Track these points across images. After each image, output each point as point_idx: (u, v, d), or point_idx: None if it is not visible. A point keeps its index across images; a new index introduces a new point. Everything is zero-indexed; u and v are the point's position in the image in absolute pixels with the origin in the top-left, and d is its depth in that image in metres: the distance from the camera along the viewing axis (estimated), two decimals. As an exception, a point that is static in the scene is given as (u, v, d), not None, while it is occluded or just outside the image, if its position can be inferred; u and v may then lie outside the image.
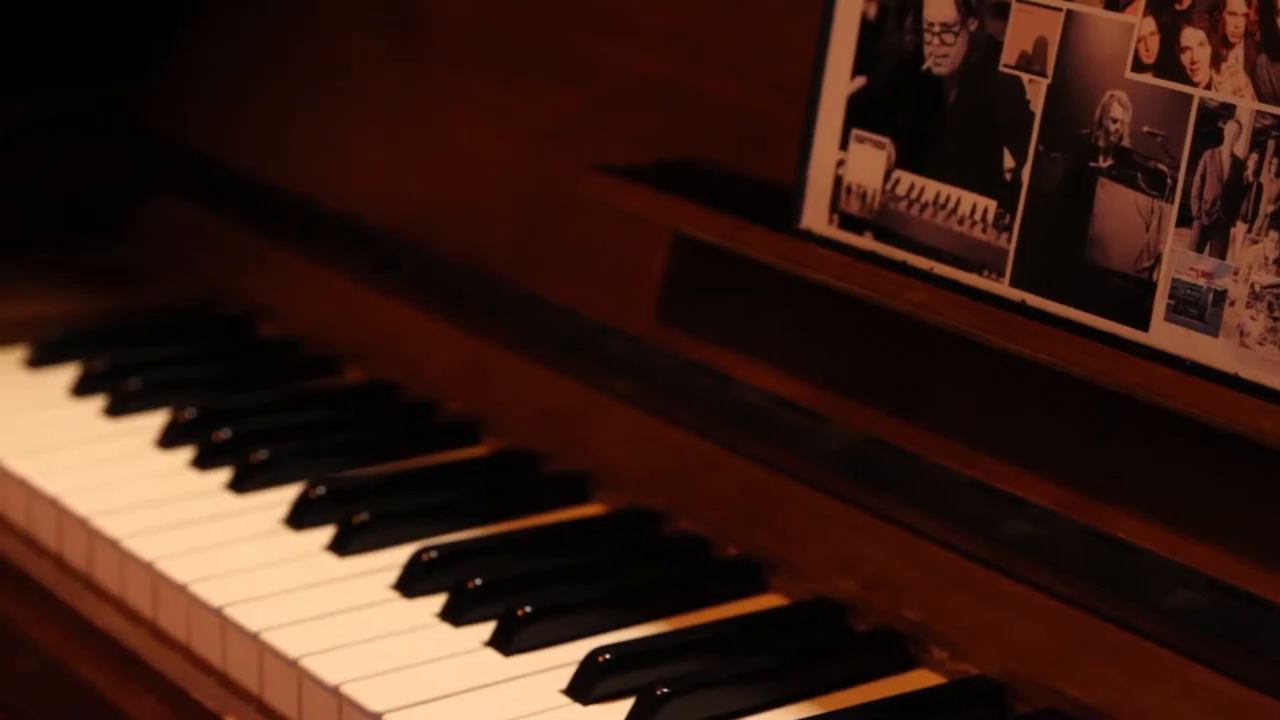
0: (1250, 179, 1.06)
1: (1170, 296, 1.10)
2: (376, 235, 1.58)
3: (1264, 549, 1.06)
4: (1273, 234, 1.05)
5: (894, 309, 1.21)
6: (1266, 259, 1.05)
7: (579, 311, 1.41)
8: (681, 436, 1.35)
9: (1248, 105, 1.07)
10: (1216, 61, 1.08)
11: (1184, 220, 1.09)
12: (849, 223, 1.25)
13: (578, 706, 1.15)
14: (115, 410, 1.50)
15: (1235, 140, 1.07)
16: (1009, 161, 1.17)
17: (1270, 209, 1.06)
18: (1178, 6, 1.10)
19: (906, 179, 1.23)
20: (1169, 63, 1.10)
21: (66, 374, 1.56)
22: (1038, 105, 1.16)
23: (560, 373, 1.43)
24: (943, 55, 1.21)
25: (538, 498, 1.37)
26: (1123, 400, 1.11)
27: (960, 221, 1.20)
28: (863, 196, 1.24)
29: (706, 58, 1.41)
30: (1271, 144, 1.06)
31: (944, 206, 1.21)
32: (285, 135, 1.70)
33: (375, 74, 1.66)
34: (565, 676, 1.18)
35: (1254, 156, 1.06)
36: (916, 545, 1.22)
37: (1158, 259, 1.10)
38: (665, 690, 1.13)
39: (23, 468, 1.43)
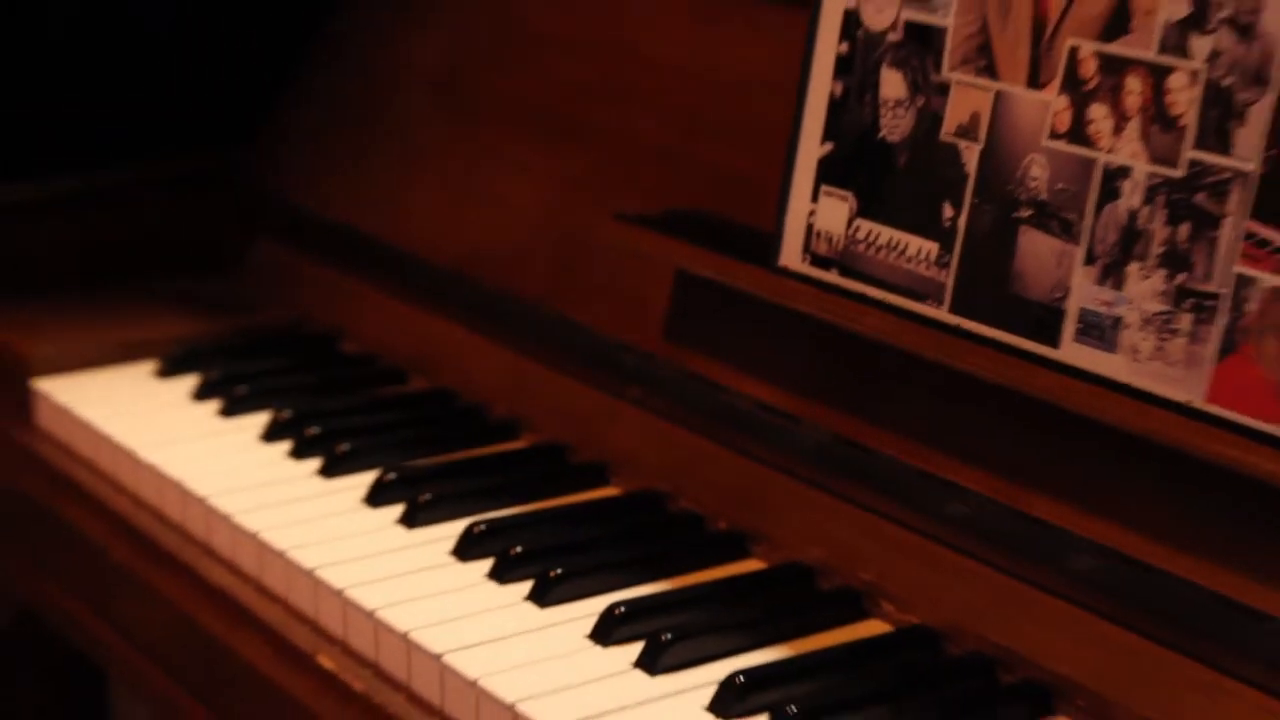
0: (1142, 227, 1.06)
1: (1078, 321, 1.10)
2: (435, 270, 1.57)
3: (1147, 524, 1.06)
4: (1160, 272, 1.05)
5: (855, 332, 1.21)
6: (1155, 291, 1.05)
7: (599, 332, 1.41)
8: (682, 434, 1.34)
9: (1142, 167, 1.07)
10: (1117, 131, 1.08)
11: (1089, 260, 1.09)
12: (819, 261, 1.24)
13: (599, 648, 1.15)
14: (227, 411, 1.50)
15: (1131, 195, 1.07)
16: (948, 212, 1.17)
17: (1158, 251, 1.05)
18: (1085, 87, 1.09)
19: (865, 226, 1.22)
20: (1078, 132, 1.10)
21: (188, 382, 1.56)
22: (972, 166, 1.16)
23: (584, 382, 1.42)
24: (895, 126, 1.20)
25: (566, 482, 1.37)
26: (1039, 405, 1.11)
27: (909, 260, 1.19)
28: (830, 240, 1.24)
29: (704, 129, 1.41)
30: (1160, 198, 1.06)
31: (895, 248, 1.20)
32: (361, 187, 1.69)
33: (436, 138, 1.64)
34: (589, 625, 1.16)
35: (1146, 209, 1.06)
36: (872, 522, 1.22)
37: (1068, 291, 1.10)
38: (669, 636, 1.12)
39: (153, 457, 1.43)
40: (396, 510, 1.32)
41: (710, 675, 1.11)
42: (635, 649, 1.14)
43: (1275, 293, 1.00)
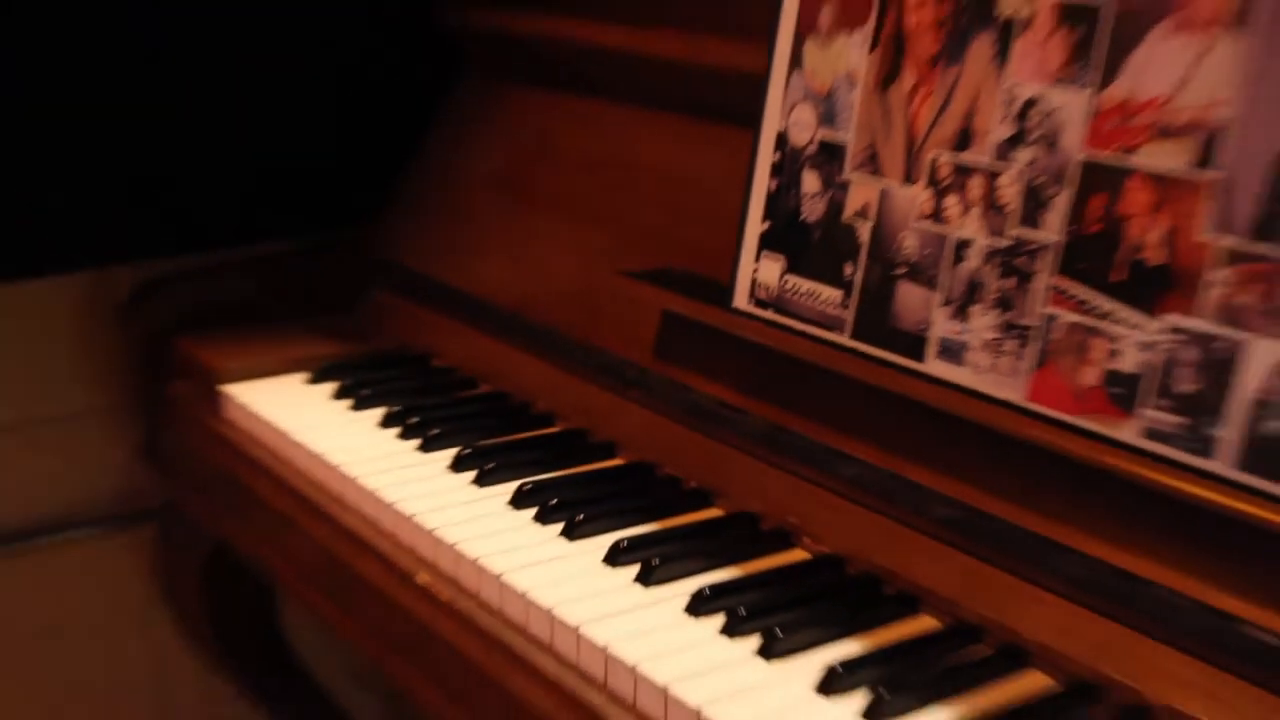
0: (981, 280, 1.05)
1: (938, 345, 1.08)
2: (497, 310, 1.56)
3: (985, 484, 1.05)
4: (994, 311, 1.04)
5: (786, 352, 1.20)
6: (990, 325, 1.04)
7: (611, 351, 1.40)
8: (666, 423, 1.33)
9: (981, 239, 1.05)
10: (964, 215, 1.07)
11: (945, 303, 1.07)
12: (760, 304, 1.23)
13: (609, 568, 1.13)
14: (356, 407, 1.50)
15: (973, 259, 1.06)
16: (849, 270, 1.16)
17: (992, 297, 1.04)
18: (942, 184, 1.08)
19: (792, 279, 1.21)
20: (937, 215, 1.09)
21: (329, 387, 1.55)
22: (865, 238, 1.15)
23: (599, 387, 1.41)
24: (813, 210, 1.19)
25: (587, 454, 1.36)
26: (911, 402, 1.10)
27: (822, 303, 1.18)
28: (768, 289, 1.23)
29: (683, 213, 1.40)
30: (994, 261, 1.05)
31: (813, 294, 1.19)
32: (447, 253, 1.67)
33: (497, 219, 1.63)
34: (603, 552, 1.15)
35: (984, 268, 1.05)
36: (796, 483, 1.20)
37: (930, 324, 1.09)
38: (657, 560, 1.11)
39: (304, 438, 1.43)
40: (471, 475, 1.31)
41: (686, 587, 1.09)
42: (633, 570, 1.12)
43: (1071, 326, 0.99)
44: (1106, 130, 0.97)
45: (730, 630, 1.02)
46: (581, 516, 1.19)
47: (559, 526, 1.20)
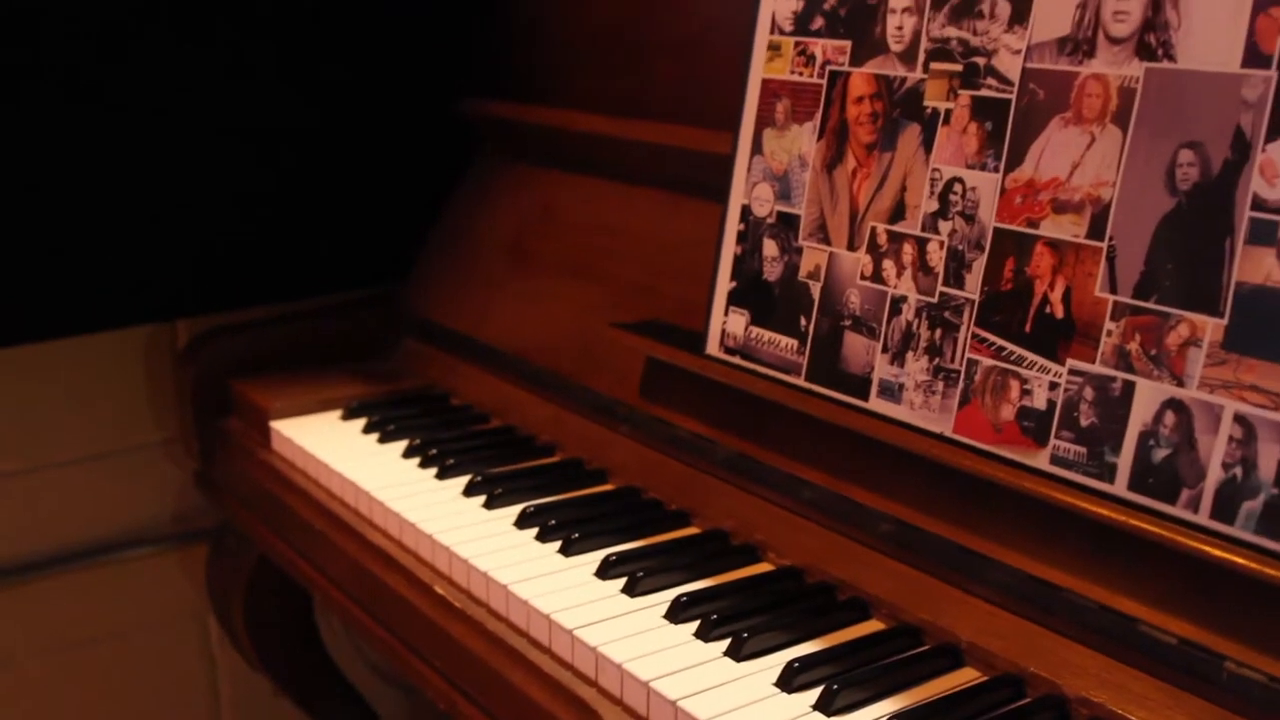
0: (915, 331, 1.05)
1: (878, 386, 1.08)
2: (507, 356, 1.54)
3: (920, 504, 1.06)
4: (925, 357, 1.04)
5: (751, 392, 1.20)
6: (922, 369, 1.04)
7: (603, 393, 1.38)
8: (650, 453, 1.32)
9: (913, 296, 1.06)
10: (899, 276, 1.07)
11: (884, 350, 1.07)
12: (730, 351, 1.22)
13: (601, 581, 1.12)
14: (382, 439, 1.48)
15: (908, 313, 1.06)
16: (803, 322, 1.15)
17: (924, 346, 1.04)
18: (880, 250, 1.08)
19: (755, 330, 1.20)
20: (877, 276, 1.09)
21: (360, 423, 1.53)
22: (816, 296, 1.14)
23: (594, 422, 1.40)
24: (773, 270, 1.19)
25: (583, 481, 1.34)
26: (856, 435, 1.10)
27: (781, 350, 1.18)
28: (735, 338, 1.22)
29: (665, 273, 1.39)
30: (924, 315, 1.05)
31: (773, 343, 1.18)
32: (465, 307, 1.66)
33: (508, 279, 1.61)
34: (595, 565, 1.14)
35: (916, 321, 1.05)
36: (761, 504, 1.19)
37: (872, 368, 1.08)
38: (641, 573, 1.11)
39: (339, 466, 1.40)
40: (481, 499, 1.30)
41: (666, 596, 1.08)
42: (620, 581, 1.11)
43: (990, 369, 1.00)
44: (1014, 205, 0.98)
45: (704, 634, 1.02)
46: (576, 535, 1.18)
47: (557, 544, 1.19)
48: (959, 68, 1.03)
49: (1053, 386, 0.95)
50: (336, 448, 1.46)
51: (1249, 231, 0.85)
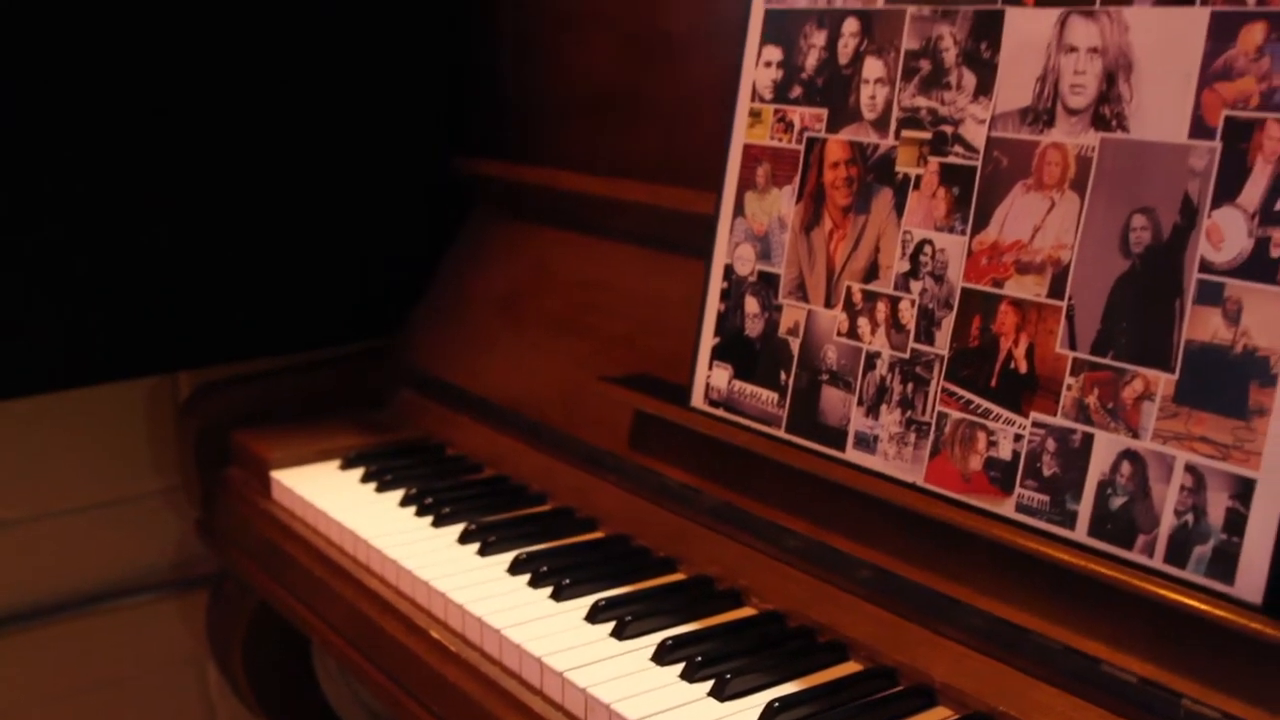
0: (888, 385, 1.08)
1: (854, 437, 1.11)
2: (500, 408, 1.55)
3: (895, 550, 1.08)
4: (898, 410, 1.07)
5: (734, 443, 1.22)
6: (895, 421, 1.07)
7: (592, 443, 1.40)
8: (638, 501, 1.34)
9: (887, 352, 1.09)
10: (873, 333, 1.10)
11: (860, 403, 1.10)
12: (713, 404, 1.25)
13: (589, 625, 1.15)
14: (380, 489, 1.49)
15: (881, 368, 1.09)
16: (783, 376, 1.18)
17: (896, 399, 1.07)
18: (856, 308, 1.12)
19: (738, 383, 1.23)
20: (853, 333, 1.12)
21: (358, 472, 1.54)
22: (796, 351, 1.17)
23: (584, 472, 1.41)
24: (754, 327, 1.22)
25: (573, 529, 1.36)
26: (834, 485, 1.12)
27: (762, 403, 1.20)
28: (719, 391, 1.25)
29: (651, 329, 1.41)
30: (897, 370, 1.08)
31: (755, 396, 1.21)
32: (459, 360, 1.66)
33: (500, 333, 1.62)
34: (584, 610, 1.16)
35: (889, 375, 1.08)
36: (745, 551, 1.21)
37: (849, 420, 1.11)
38: (629, 617, 1.13)
39: (338, 515, 1.42)
40: (475, 546, 1.32)
41: (653, 639, 1.10)
42: (609, 625, 1.14)
43: (958, 422, 1.03)
44: (981, 266, 1.02)
45: (689, 675, 1.04)
46: (567, 581, 1.20)
47: (549, 589, 1.21)
48: (928, 136, 1.07)
49: (1017, 438, 0.99)
50: (335, 497, 1.48)
51: (1197, 292, 0.89)
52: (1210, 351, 0.88)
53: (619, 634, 1.13)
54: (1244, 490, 0.86)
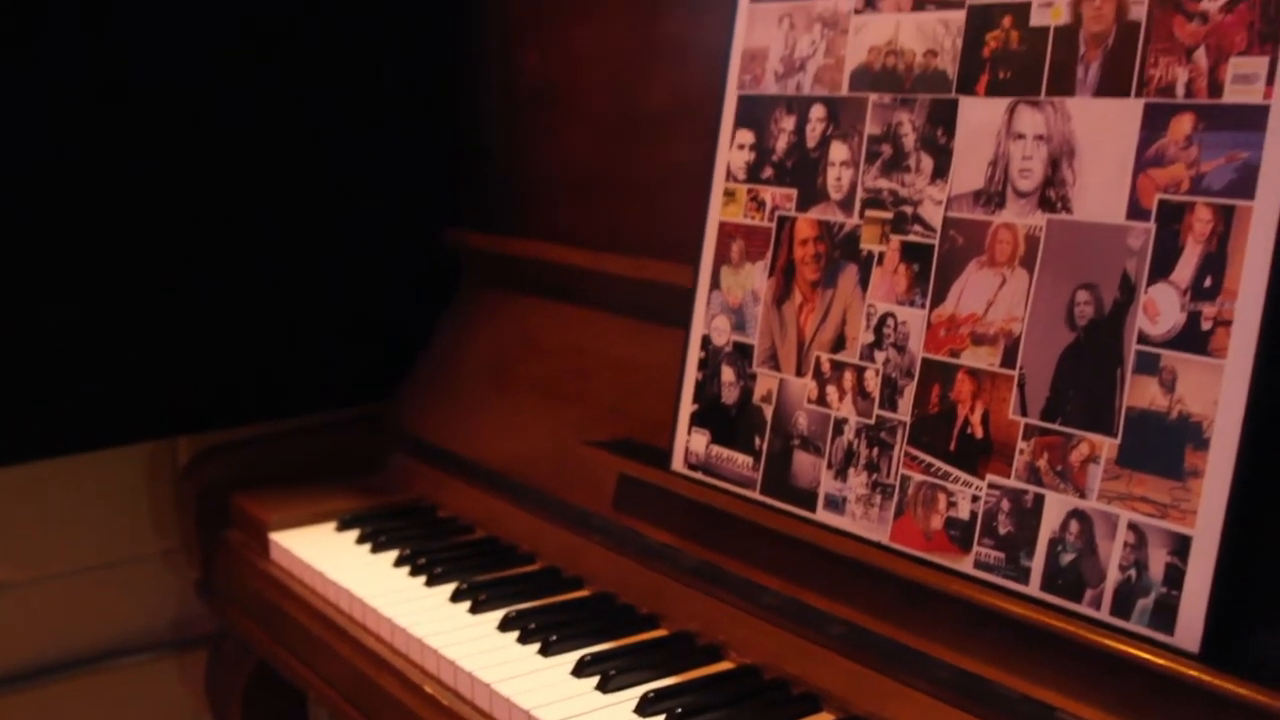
0: (855, 450, 1.12)
1: (824, 498, 1.15)
2: (490, 471, 1.58)
3: (865, 606, 1.11)
4: (865, 472, 1.11)
5: (712, 504, 1.25)
6: (862, 483, 1.11)
7: (577, 505, 1.42)
8: (623, 561, 1.36)
9: (854, 418, 1.13)
10: (840, 400, 1.14)
11: (829, 466, 1.14)
12: (692, 467, 1.29)
13: (576, 679, 1.18)
14: (375, 549, 1.51)
15: (849, 433, 1.13)
16: (758, 441, 1.22)
17: (863, 463, 1.11)
18: (825, 377, 1.16)
19: (715, 448, 1.27)
20: (822, 400, 1.16)
21: (354, 534, 1.56)
22: (769, 417, 1.21)
23: (571, 532, 1.44)
24: (730, 394, 1.26)
25: (560, 587, 1.38)
26: (805, 544, 1.16)
27: (738, 466, 1.24)
28: (698, 455, 1.28)
29: (635, 394, 1.43)
30: (863, 435, 1.12)
31: (732, 460, 1.25)
32: (450, 425, 1.68)
33: (489, 399, 1.64)
34: (571, 665, 1.19)
35: (856, 440, 1.12)
36: (724, 608, 1.24)
37: (819, 482, 1.15)
38: (614, 671, 1.16)
39: (334, 575, 1.44)
40: (467, 604, 1.34)
41: (637, 692, 1.14)
42: (594, 679, 1.17)
43: (920, 484, 1.07)
44: (939, 338, 1.07)
45: None
46: (555, 637, 1.23)
47: (537, 645, 1.24)
48: (890, 215, 1.13)
49: (975, 499, 1.04)
50: (332, 558, 1.51)
51: (1136, 362, 0.95)
52: (1149, 417, 0.94)
53: (604, 687, 1.16)
54: (1181, 546, 0.91)
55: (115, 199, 1.66)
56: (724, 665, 1.20)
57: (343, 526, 1.60)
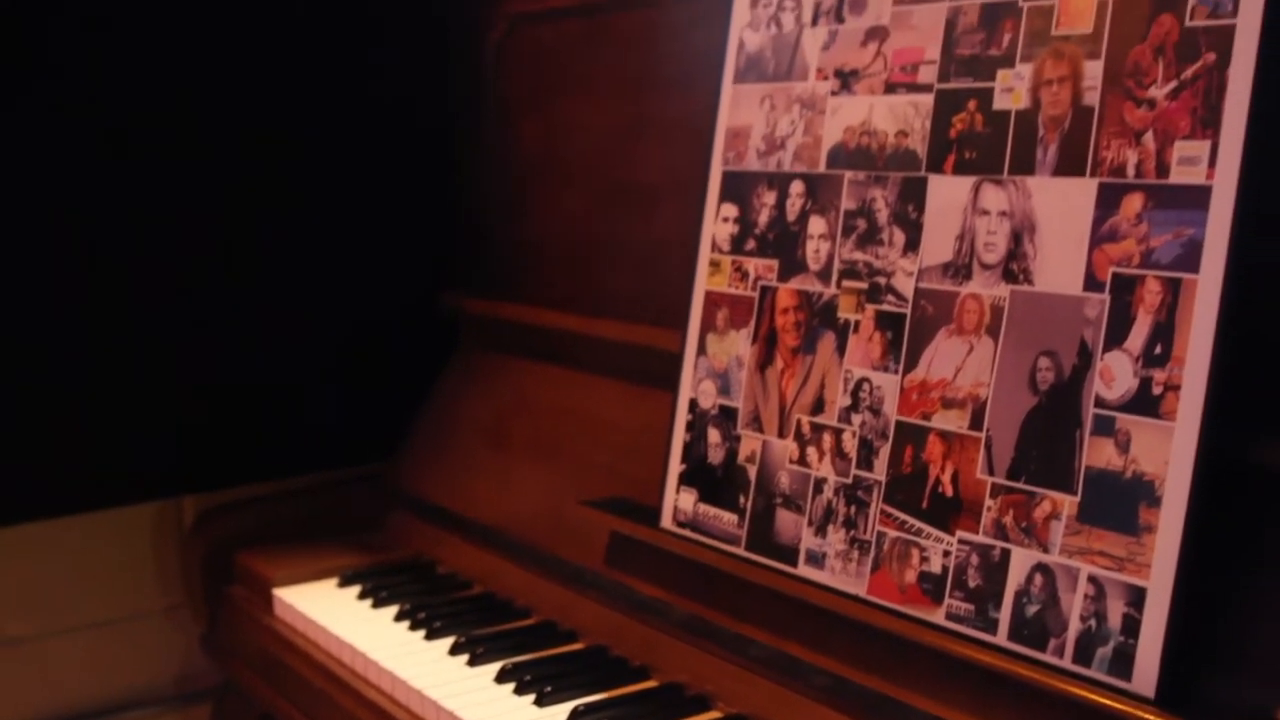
0: (834, 508, 1.16)
1: (805, 554, 1.18)
2: (486, 528, 1.59)
3: (846, 657, 1.14)
4: (844, 529, 1.15)
5: (700, 560, 1.28)
6: (841, 539, 1.15)
7: (571, 560, 1.45)
8: (614, 615, 1.38)
9: (832, 478, 1.17)
10: (820, 460, 1.18)
11: (809, 523, 1.17)
12: (681, 525, 1.32)
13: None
14: (376, 605, 1.53)
15: (828, 492, 1.17)
16: (742, 500, 1.26)
17: (841, 520, 1.15)
18: (805, 438, 1.20)
19: (703, 506, 1.30)
20: (802, 460, 1.20)
21: (355, 590, 1.58)
22: (753, 476, 1.25)
23: (565, 587, 1.45)
24: (716, 455, 1.29)
25: (555, 640, 1.40)
26: (788, 597, 1.19)
27: (724, 524, 1.27)
28: (686, 513, 1.32)
29: (627, 455, 1.46)
30: (841, 494, 1.16)
31: (718, 518, 1.28)
32: (447, 484, 1.70)
33: (485, 459, 1.67)
34: (565, 715, 1.22)
35: (835, 499, 1.17)
36: (712, 660, 1.26)
37: (800, 539, 1.19)
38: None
39: (336, 629, 1.46)
40: (465, 657, 1.37)
41: None
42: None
43: (895, 539, 1.12)
44: (911, 401, 1.12)
45: None
46: (550, 688, 1.26)
47: (532, 696, 1.26)
48: (865, 286, 1.18)
49: (946, 554, 1.09)
50: (334, 613, 1.53)
51: (1093, 425, 1.00)
52: (1106, 476, 0.99)
53: (594, 737, 1.20)
54: (1137, 598, 0.96)
55: (123, 259, 1.70)
56: (713, 715, 1.22)
57: (344, 583, 1.62)
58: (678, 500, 1.33)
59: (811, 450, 1.20)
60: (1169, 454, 0.95)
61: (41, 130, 1.63)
